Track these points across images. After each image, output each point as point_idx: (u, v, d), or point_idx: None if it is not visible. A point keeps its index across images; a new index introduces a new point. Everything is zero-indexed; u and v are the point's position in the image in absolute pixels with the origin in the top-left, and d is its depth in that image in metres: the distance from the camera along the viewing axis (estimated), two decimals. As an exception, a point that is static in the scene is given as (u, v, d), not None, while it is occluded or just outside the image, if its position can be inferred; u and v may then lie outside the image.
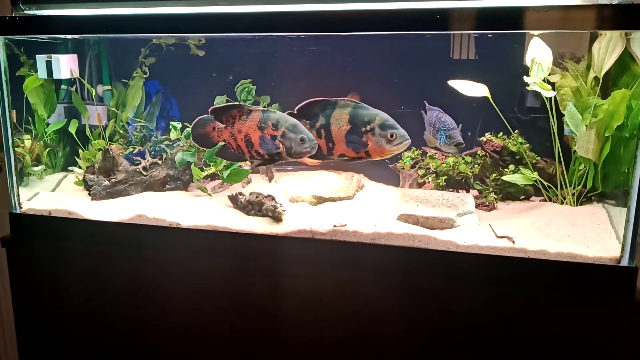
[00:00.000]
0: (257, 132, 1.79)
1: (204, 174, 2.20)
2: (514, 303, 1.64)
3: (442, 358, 1.73)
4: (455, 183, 2.16)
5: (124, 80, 2.56)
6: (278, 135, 1.76)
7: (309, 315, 1.80)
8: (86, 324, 2.04)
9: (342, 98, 1.79)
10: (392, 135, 1.72)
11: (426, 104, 2.07)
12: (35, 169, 2.34)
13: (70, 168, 2.43)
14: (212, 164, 2.19)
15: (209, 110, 1.87)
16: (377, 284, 1.74)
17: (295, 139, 1.74)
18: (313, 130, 1.81)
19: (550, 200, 2.05)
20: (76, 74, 2.33)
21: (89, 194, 2.18)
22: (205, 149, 1.99)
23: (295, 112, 1.83)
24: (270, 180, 2.36)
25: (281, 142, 1.76)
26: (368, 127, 1.74)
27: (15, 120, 2.09)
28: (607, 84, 1.95)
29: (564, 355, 1.63)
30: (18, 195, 2.07)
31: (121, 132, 2.54)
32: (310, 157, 1.83)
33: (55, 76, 2.25)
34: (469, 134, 2.20)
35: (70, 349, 2.09)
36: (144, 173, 2.24)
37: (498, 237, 1.73)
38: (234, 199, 2.03)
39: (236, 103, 1.83)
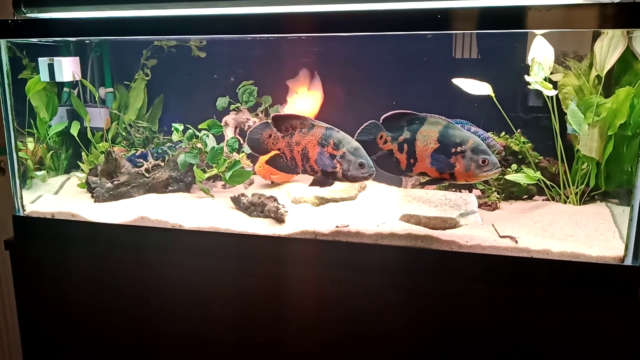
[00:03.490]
0: (317, 147, 1.76)
1: (206, 175, 2.21)
2: (517, 303, 1.64)
3: (446, 358, 1.72)
4: (457, 183, 2.16)
5: (126, 83, 2.56)
6: (338, 155, 1.73)
7: (312, 316, 1.80)
8: (89, 325, 2.04)
9: (432, 115, 1.73)
10: (484, 161, 1.65)
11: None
12: (38, 173, 2.35)
13: (72, 172, 2.44)
14: (214, 165, 2.20)
15: (271, 116, 1.87)
16: (380, 285, 1.73)
17: (354, 163, 1.71)
18: (395, 144, 1.76)
19: (553, 199, 2.05)
20: (78, 77, 2.34)
21: (92, 196, 2.19)
22: (257, 155, 1.97)
23: (380, 122, 1.78)
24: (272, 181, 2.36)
25: (339, 163, 1.73)
26: (459, 149, 1.67)
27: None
28: (610, 83, 1.95)
29: (567, 354, 1.63)
30: (21, 197, 2.08)
31: (124, 134, 2.55)
32: (387, 171, 1.78)
33: (58, 79, 2.26)
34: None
35: (73, 351, 2.09)
36: (147, 175, 2.24)
37: (501, 236, 1.72)
38: (236, 200, 2.03)
39: (299, 115, 1.82)
